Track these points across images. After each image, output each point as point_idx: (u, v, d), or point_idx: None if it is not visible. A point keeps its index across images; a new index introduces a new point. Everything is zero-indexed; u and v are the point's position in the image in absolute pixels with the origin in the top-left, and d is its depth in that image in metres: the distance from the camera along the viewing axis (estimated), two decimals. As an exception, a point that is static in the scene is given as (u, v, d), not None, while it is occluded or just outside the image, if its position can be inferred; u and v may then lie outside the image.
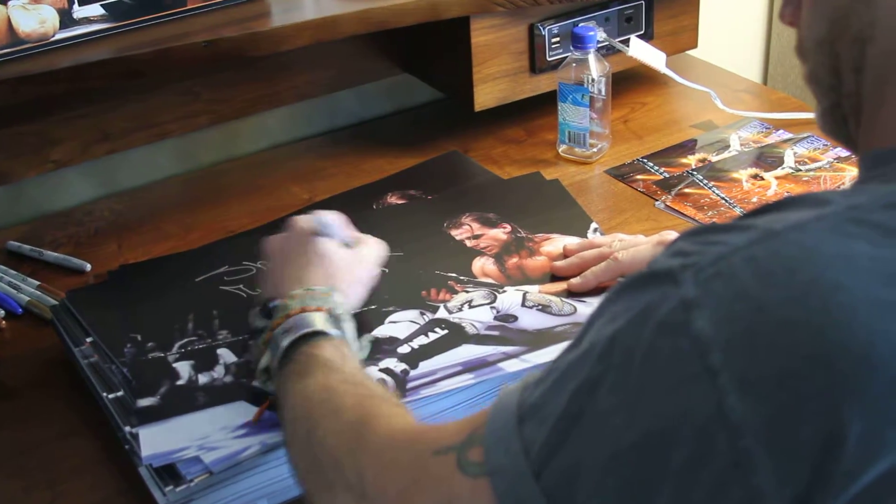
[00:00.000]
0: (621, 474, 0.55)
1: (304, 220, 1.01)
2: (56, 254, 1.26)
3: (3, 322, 1.14)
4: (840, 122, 0.70)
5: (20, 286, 1.20)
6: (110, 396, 0.96)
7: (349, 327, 0.90)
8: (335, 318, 0.89)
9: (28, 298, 1.17)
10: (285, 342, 0.86)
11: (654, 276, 0.57)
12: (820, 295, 0.52)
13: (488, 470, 0.61)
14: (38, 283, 1.20)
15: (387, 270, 1.10)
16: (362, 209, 1.27)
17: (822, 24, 0.67)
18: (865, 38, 0.64)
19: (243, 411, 0.91)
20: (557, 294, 1.07)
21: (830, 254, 0.53)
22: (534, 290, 1.08)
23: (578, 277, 1.07)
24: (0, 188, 1.35)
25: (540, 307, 1.05)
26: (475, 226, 1.21)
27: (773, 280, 0.53)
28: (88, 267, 1.24)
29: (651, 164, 1.39)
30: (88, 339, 1.03)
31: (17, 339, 1.13)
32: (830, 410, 0.51)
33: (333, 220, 1.01)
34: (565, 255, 1.13)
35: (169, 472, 0.85)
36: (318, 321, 0.87)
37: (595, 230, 1.19)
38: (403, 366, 0.96)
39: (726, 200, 1.29)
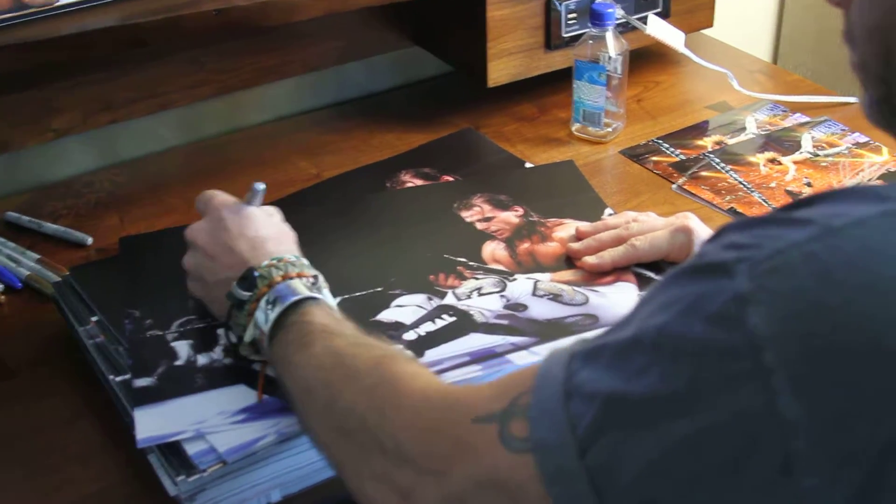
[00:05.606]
0: (665, 465, 0.53)
1: (221, 196, 0.99)
2: (56, 226, 1.22)
3: (3, 297, 1.11)
4: (890, 116, 0.66)
5: (20, 259, 1.16)
6: (117, 379, 0.92)
7: (327, 291, 0.89)
8: (316, 283, 0.88)
9: (28, 273, 1.13)
10: (274, 312, 0.84)
11: (708, 268, 0.55)
12: (881, 297, 0.50)
13: (532, 446, 0.59)
14: (37, 256, 1.16)
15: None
16: (375, 188, 1.24)
17: (876, 11, 0.63)
18: None
19: (242, 395, 0.88)
20: (569, 283, 1.04)
21: (893, 254, 0.51)
22: (545, 279, 1.04)
23: (594, 257, 1.05)
24: (-2, 157, 1.31)
25: (551, 296, 1.01)
26: (486, 207, 1.17)
27: (832, 279, 0.51)
28: (90, 240, 1.20)
29: (666, 146, 1.36)
30: (94, 319, 1.00)
31: (16, 315, 1.09)
32: (889, 416, 0.49)
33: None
34: (578, 237, 1.10)
35: (181, 462, 0.82)
36: (303, 288, 0.86)
37: (610, 216, 1.16)
38: (409, 353, 0.93)
39: (744, 185, 1.26)
